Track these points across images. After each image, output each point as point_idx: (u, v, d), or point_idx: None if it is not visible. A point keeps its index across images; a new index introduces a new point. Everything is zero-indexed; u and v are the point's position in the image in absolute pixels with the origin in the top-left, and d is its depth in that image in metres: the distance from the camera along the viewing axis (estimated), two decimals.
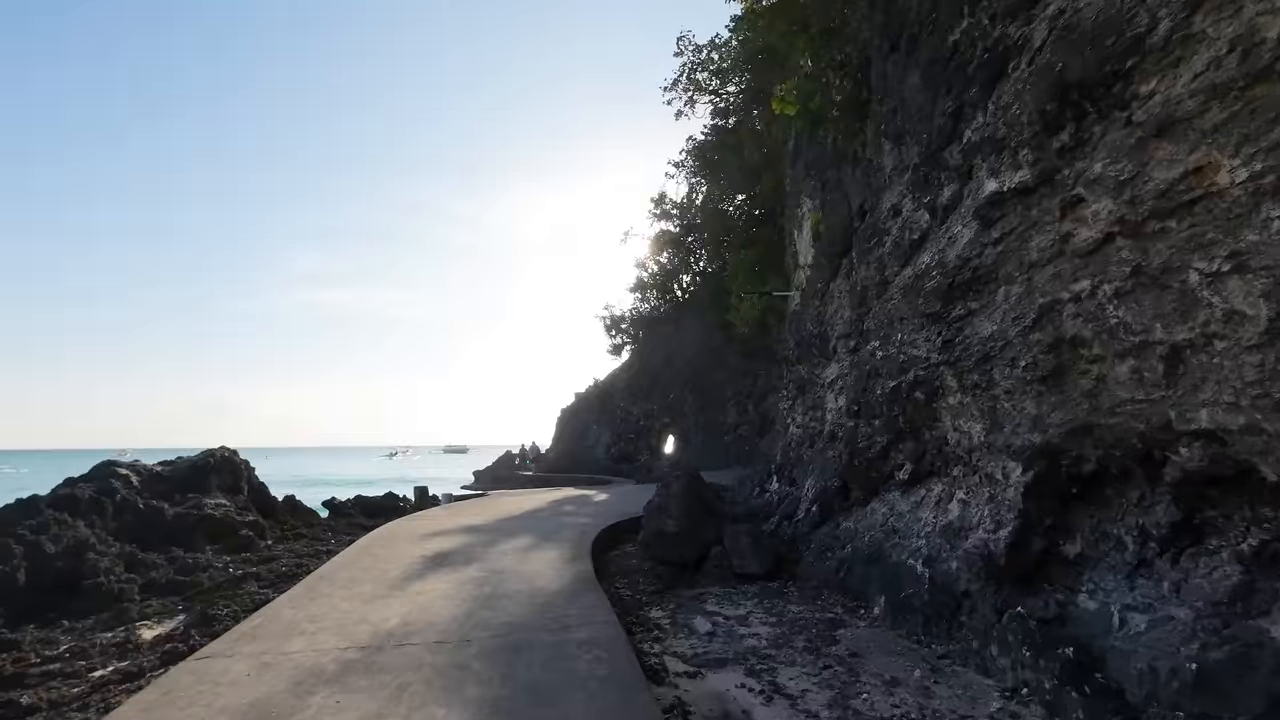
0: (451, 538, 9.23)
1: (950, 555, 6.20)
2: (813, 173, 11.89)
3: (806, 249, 12.11)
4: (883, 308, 7.58)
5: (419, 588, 6.34)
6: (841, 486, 8.83)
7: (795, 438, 14.09)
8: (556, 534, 9.56)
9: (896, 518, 7.37)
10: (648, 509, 8.96)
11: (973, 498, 6.24)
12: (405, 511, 20.32)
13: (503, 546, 8.53)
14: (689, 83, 23.04)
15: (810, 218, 11.25)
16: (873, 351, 7.68)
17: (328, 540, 10.88)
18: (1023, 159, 5.16)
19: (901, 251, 7.34)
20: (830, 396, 10.44)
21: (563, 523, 10.89)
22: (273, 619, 5.36)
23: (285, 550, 9.61)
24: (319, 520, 13.11)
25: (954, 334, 6.09)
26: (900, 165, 7.57)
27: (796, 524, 9.39)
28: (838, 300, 9.85)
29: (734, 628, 6.09)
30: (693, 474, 9.15)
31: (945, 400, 6.39)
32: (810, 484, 9.66)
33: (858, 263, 8.61)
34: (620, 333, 33.12)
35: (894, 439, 7.35)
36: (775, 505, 10.66)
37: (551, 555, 7.91)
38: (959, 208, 6.16)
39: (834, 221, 9.79)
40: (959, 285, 5.98)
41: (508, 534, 9.57)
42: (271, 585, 7.68)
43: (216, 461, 11.57)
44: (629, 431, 33.18)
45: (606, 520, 11.10)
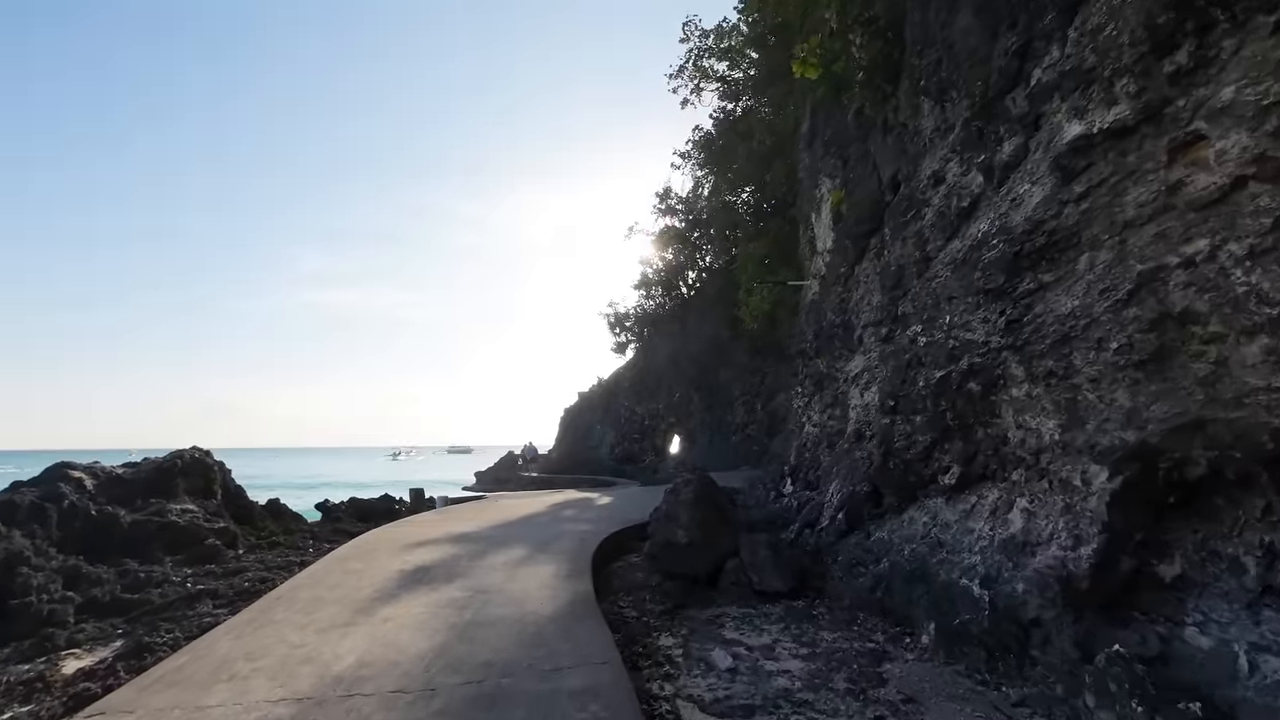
0: (437, 548, 8.26)
1: (1014, 575, 5.20)
2: (833, 150, 10.89)
3: (825, 233, 11.11)
4: (925, 288, 6.58)
5: (388, 612, 5.36)
6: (871, 492, 7.83)
7: (811, 437, 13.12)
8: (554, 543, 8.58)
9: (941, 528, 6.36)
10: (655, 516, 7.98)
11: (1041, 507, 5.24)
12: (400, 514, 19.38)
13: (492, 559, 7.55)
14: (695, 70, 22.06)
15: (831, 197, 10.26)
16: (913, 338, 6.68)
17: (306, 549, 9.91)
18: (1120, 91, 4.15)
19: (947, 223, 6.34)
20: (855, 392, 9.43)
21: (561, 530, 9.91)
22: (203, 655, 4.40)
23: (255, 562, 8.65)
24: (302, 526, 12.16)
25: (1021, 313, 5.09)
26: (943, 125, 6.58)
27: (820, 533, 8.39)
28: (864, 285, 8.85)
29: (759, 662, 5.09)
30: (705, 478, 8.17)
31: (1007, 392, 5.39)
32: (834, 489, 8.66)
33: (890, 240, 7.61)
34: (624, 330, 32.15)
35: (939, 438, 6.35)
36: (795, 512, 9.66)
37: (546, 570, 6.93)
38: (1024, 163, 5.16)
39: (860, 198, 8.79)
40: (1028, 254, 4.98)
41: (500, 543, 8.60)
42: (229, 604, 6.73)
43: (185, 463, 10.61)
44: (633, 431, 32.21)
45: (609, 527, 10.12)
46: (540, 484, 28.99)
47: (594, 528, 10.09)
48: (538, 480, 30.55)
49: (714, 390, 29.09)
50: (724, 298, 26.43)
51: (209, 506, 10.16)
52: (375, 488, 30.04)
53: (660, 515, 7.77)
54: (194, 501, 10.09)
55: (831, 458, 9.94)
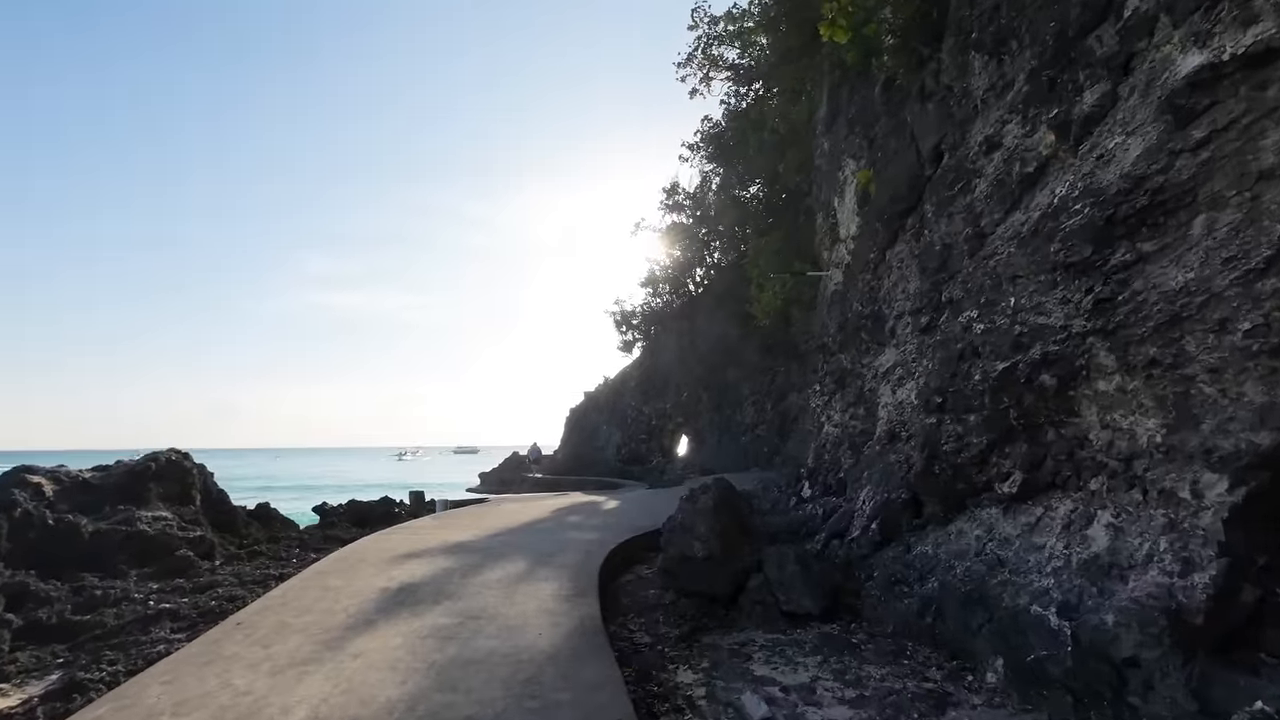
0: (429, 560, 7.44)
1: (1101, 604, 4.34)
2: (857, 128, 10.04)
3: (850, 218, 10.25)
4: (980, 268, 5.72)
5: (359, 645, 4.54)
6: (910, 500, 6.97)
7: (831, 438, 12.27)
8: (557, 555, 7.76)
9: (1000, 544, 5.50)
10: (669, 526, 7.14)
11: (1132, 523, 4.37)
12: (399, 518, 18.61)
13: (488, 574, 6.73)
14: (704, 58, 21.22)
15: (857, 178, 9.40)
16: (966, 326, 5.82)
17: (289, 560, 9.13)
18: (1263, 5, 3.30)
19: (1006, 192, 5.48)
20: (885, 389, 8.57)
21: (566, 539, 9.08)
22: (126, 706, 3.58)
23: (230, 575, 7.87)
24: (291, 532, 11.39)
25: (1114, 290, 4.23)
26: (1000, 82, 5.72)
27: (851, 544, 7.52)
28: (898, 270, 7.99)
29: (800, 709, 4.25)
30: (724, 484, 7.33)
31: (1091, 385, 4.53)
32: (866, 495, 7.80)
33: (933, 218, 6.75)
34: (631, 329, 31.31)
35: (998, 440, 5.48)
36: (820, 520, 8.80)
37: (548, 589, 6.10)
38: (1115, 112, 4.30)
39: (893, 175, 7.94)
40: (1124, 219, 4.12)
41: (498, 555, 7.78)
42: (189, 628, 5.95)
43: (160, 466, 9.82)
44: (640, 432, 31.37)
45: (618, 535, 9.30)
46: (545, 486, 28.19)
47: (600, 536, 9.27)
48: (543, 482, 29.75)
49: (723, 389, 28.23)
50: (733, 295, 25.58)
51: (186, 513, 9.38)
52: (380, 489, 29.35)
53: (675, 526, 6.93)
54: (169, 508, 9.31)
55: (860, 461, 9.08)
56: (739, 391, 27.47)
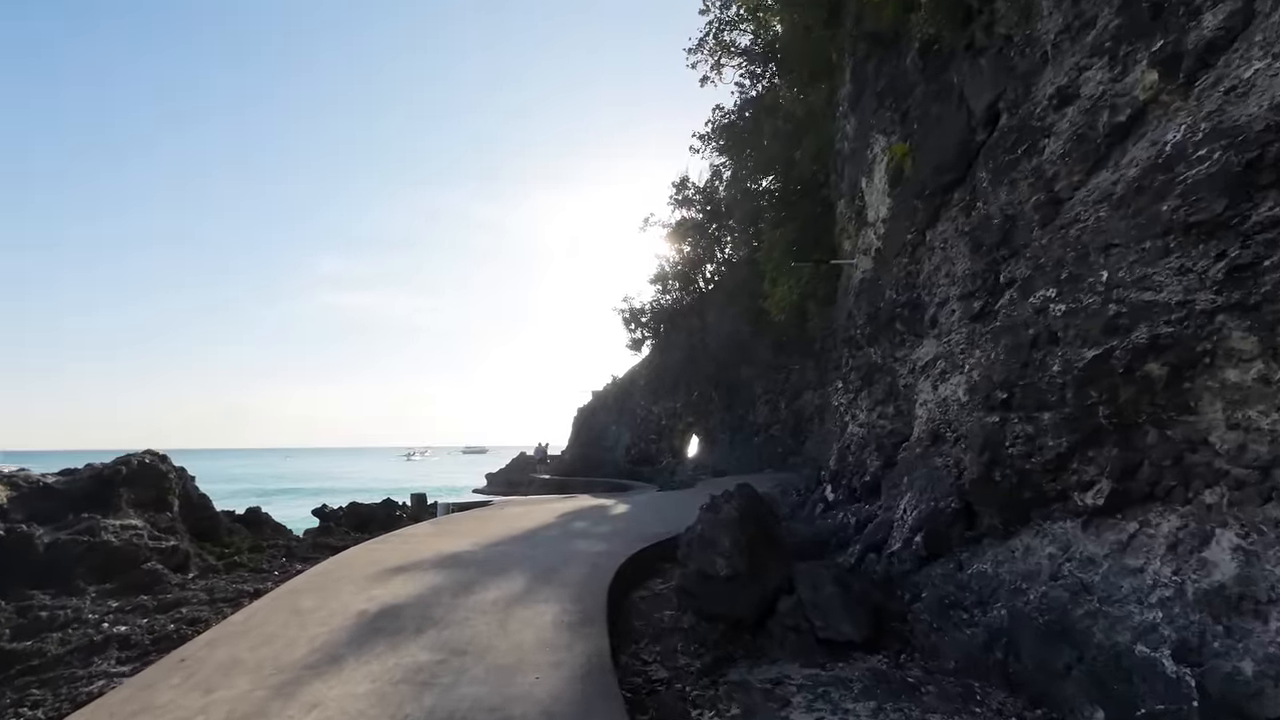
0: (417, 577, 6.62)
1: (1234, 647, 3.46)
2: (888, 101, 9.16)
3: (880, 199, 9.36)
4: (1056, 239, 4.83)
5: (317, 692, 3.72)
6: (962, 510, 6.09)
7: (856, 439, 11.38)
8: (561, 570, 6.93)
9: (1082, 566, 4.61)
10: (687, 539, 6.28)
11: (1273, 547, 3.50)
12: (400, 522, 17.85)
13: (482, 594, 5.90)
14: (716, 44, 20.35)
15: (890, 154, 8.52)
16: (1040, 308, 4.93)
17: (270, 572, 8.34)
18: None
19: (1090, 148, 4.60)
20: (924, 384, 7.69)
21: (572, 550, 8.25)
22: None
23: (201, 590, 7.10)
24: (280, 539, 10.62)
25: (1257, 253, 3.34)
26: (1078, 21, 4.83)
27: (890, 559, 6.65)
28: (942, 252, 7.10)
29: None
30: (750, 492, 6.47)
31: (1217, 375, 3.64)
32: (908, 504, 6.92)
33: (990, 188, 5.86)
34: (640, 327, 30.46)
35: (1081, 441, 4.60)
36: (852, 530, 7.91)
37: (548, 614, 5.27)
38: (1252, 33, 3.42)
39: (936, 144, 7.05)
40: (1273, 162, 3.24)
41: (496, 570, 6.95)
42: (140, 657, 5.17)
43: (131, 470, 9.03)
44: (650, 432, 30.54)
45: (627, 546, 8.46)
46: (552, 487, 27.41)
47: (609, 547, 8.43)
48: (550, 484, 28.98)
49: (734, 388, 27.34)
50: (745, 291, 24.71)
51: (160, 521, 8.62)
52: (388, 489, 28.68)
53: (695, 539, 6.07)
54: (141, 515, 8.55)
55: (895, 464, 8.20)
56: (751, 390, 26.57)
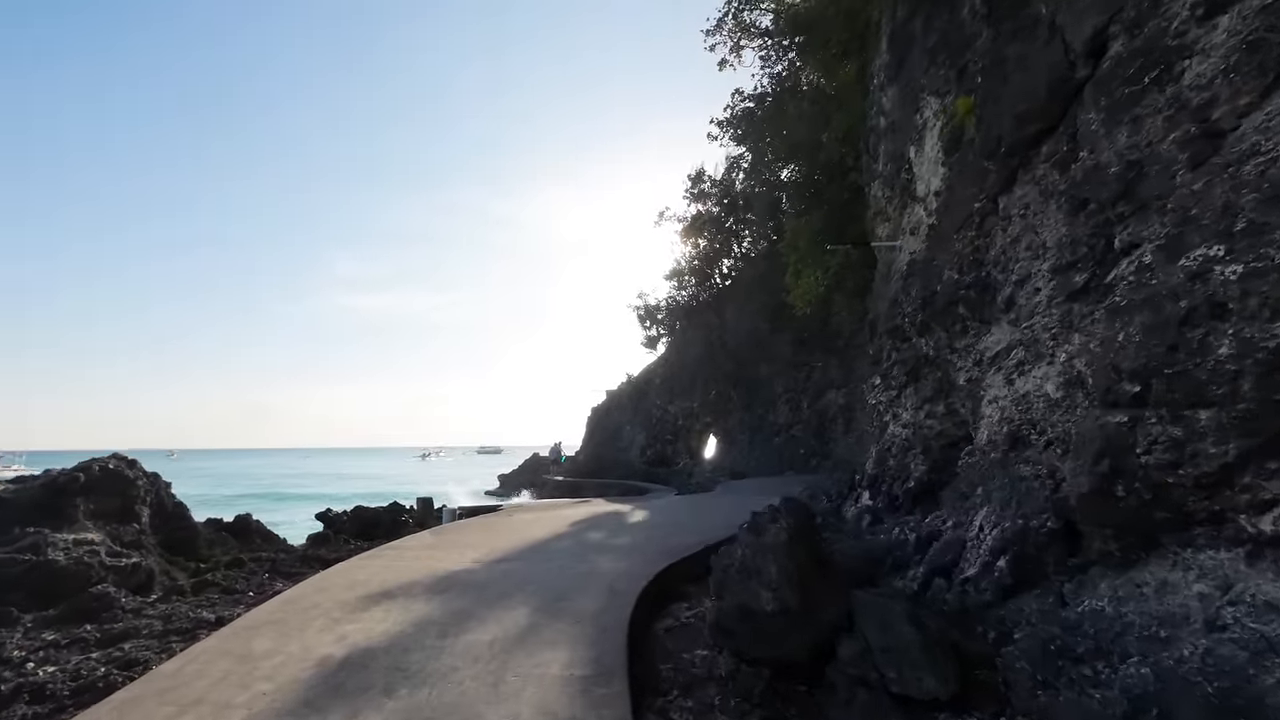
0: (402, 606, 5.57)
1: None
2: (941, 58, 7.99)
3: (932, 169, 8.19)
4: (1223, 181, 3.66)
5: None
6: (1061, 530, 4.93)
7: (899, 440, 10.23)
8: (573, 596, 5.84)
9: (1258, 613, 3.44)
10: (723, 564, 5.16)
11: None
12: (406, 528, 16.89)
13: (476, 633, 4.83)
14: (735, 25, 19.19)
15: (953, 110, 7.34)
16: (1198, 272, 3.75)
17: (244, 593, 7.35)
18: None
19: (1269, 59, 3.44)
20: (996, 378, 6.53)
21: (586, 569, 7.17)
22: None
23: (157, 618, 6.11)
24: (265, 551, 9.63)
25: None
26: None
27: (965, 587, 5.49)
28: (1021, 221, 5.93)
29: None
30: (800, 510, 5.35)
31: None
32: (985, 520, 5.75)
33: (1101, 131, 4.68)
34: (656, 324, 29.36)
35: (1261, 447, 3.43)
36: (912, 549, 6.74)
37: (556, 664, 4.18)
38: None
39: (1017, 90, 5.87)
40: None
41: (495, 597, 5.88)
42: (53, 715, 4.16)
43: (91, 477, 8.00)
44: (666, 432, 29.41)
45: (649, 562, 7.36)
46: (566, 490, 26.38)
47: (627, 564, 7.34)
48: (563, 486, 27.94)
49: (754, 387, 26.14)
50: (765, 285, 23.53)
51: (124, 534, 7.66)
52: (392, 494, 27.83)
53: (733, 565, 4.95)
54: (104, 527, 7.58)
55: (961, 472, 7.03)
56: (771, 389, 25.36)
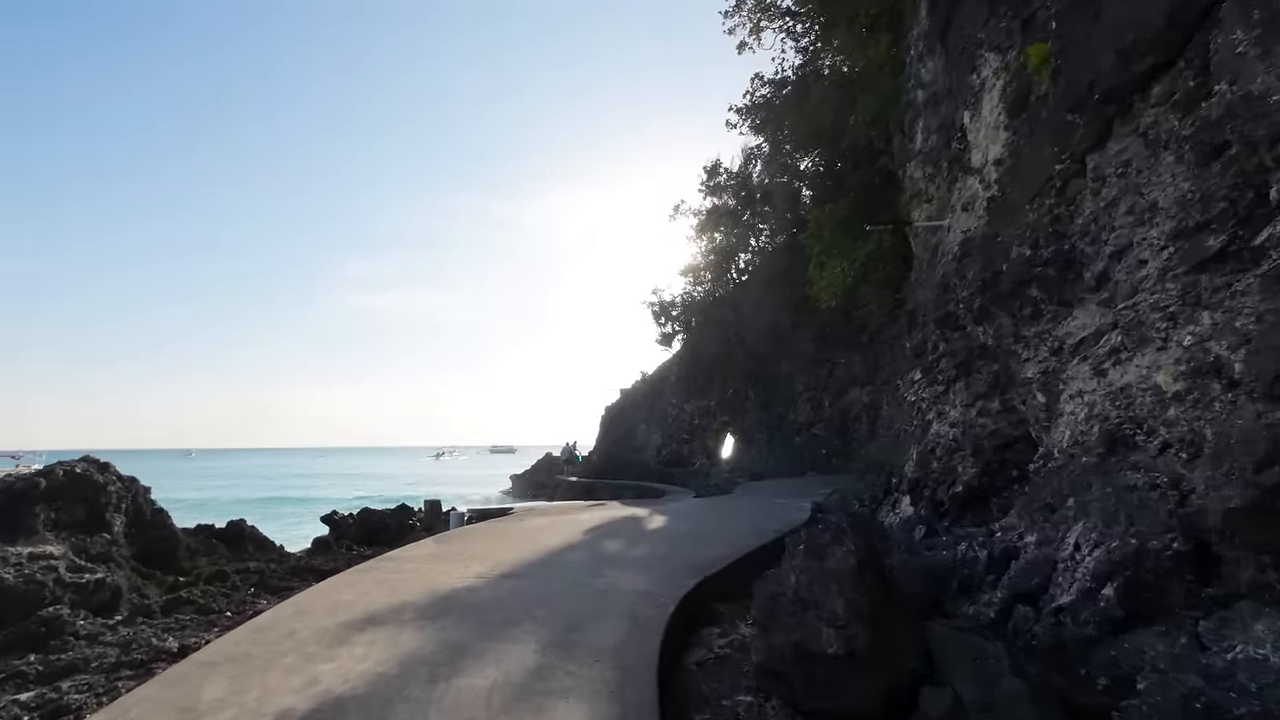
0: (388, 638, 4.70)
1: None
2: (1003, 8, 7.02)
3: (993, 134, 7.21)
4: None
5: None
6: (1190, 553, 3.97)
7: (944, 441, 9.28)
8: (589, 625, 4.95)
9: None
10: (772, 590, 4.24)
11: None
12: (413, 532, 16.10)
13: (472, 676, 3.95)
14: (755, 5, 18.24)
15: (1021, 63, 6.37)
16: None
17: (222, 612, 6.54)
18: None
19: None
20: (1081, 369, 5.57)
21: (603, 587, 6.27)
22: None
23: (112, 646, 5.29)
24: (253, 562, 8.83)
25: None
26: None
27: (1059, 618, 4.54)
28: (1120, 180, 4.95)
29: None
30: (862, 525, 4.44)
31: None
32: (1084, 536, 4.78)
33: (1252, 54, 3.72)
34: (671, 320, 28.42)
35: None
36: (982, 567, 5.77)
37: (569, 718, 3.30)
38: None
39: (1115, 25, 4.91)
40: None
41: (498, 626, 5.00)
42: None
43: (54, 483, 7.12)
44: (682, 432, 28.49)
45: (674, 580, 6.44)
46: (579, 491, 25.52)
47: (649, 583, 6.41)
48: (576, 487, 27.08)
49: (773, 384, 25.15)
50: (785, 280, 22.51)
51: (92, 545, 6.86)
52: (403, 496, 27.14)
53: (784, 595, 4.03)
54: (67, 539, 6.80)
55: (1039, 478, 6.04)
56: (792, 386, 24.35)
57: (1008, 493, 8.05)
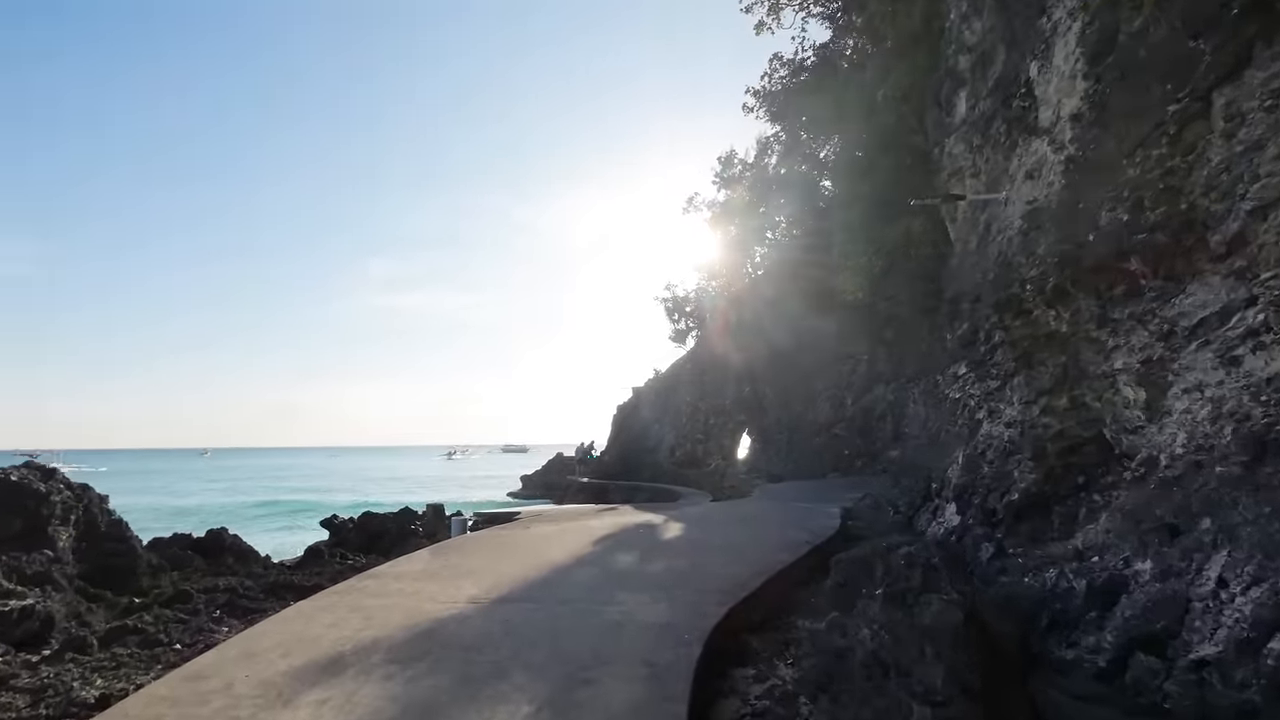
0: (346, 692, 3.73)
1: None
2: None
3: (1068, 86, 6.12)
4: None
5: None
6: None
7: (997, 443, 8.29)
8: (597, 674, 3.95)
9: None
10: (833, 644, 3.22)
11: None
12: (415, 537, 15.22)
13: None
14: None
15: None
16: None
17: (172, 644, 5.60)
18: None
19: None
20: (1203, 356, 4.50)
21: (615, 616, 5.27)
22: None
23: (20, 693, 4.35)
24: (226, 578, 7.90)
25: None
26: None
27: (1203, 674, 3.49)
28: (1261, 119, 3.90)
29: None
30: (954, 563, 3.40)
31: None
32: (1231, 569, 3.72)
33: None
34: (684, 317, 27.39)
35: None
36: (1080, 601, 4.69)
37: None
38: None
39: None
40: None
41: (487, 675, 4.01)
42: None
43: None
44: (695, 431, 27.43)
45: (697, 609, 5.41)
46: (590, 493, 24.59)
47: (669, 611, 5.39)
48: (588, 488, 26.14)
49: (791, 382, 24.04)
50: (804, 273, 21.43)
51: (29, 564, 5.93)
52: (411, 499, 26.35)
53: (854, 654, 3.00)
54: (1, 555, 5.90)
55: (1151, 490, 4.96)
56: (811, 384, 23.20)
57: (1072, 501, 7.05)
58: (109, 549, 7.08)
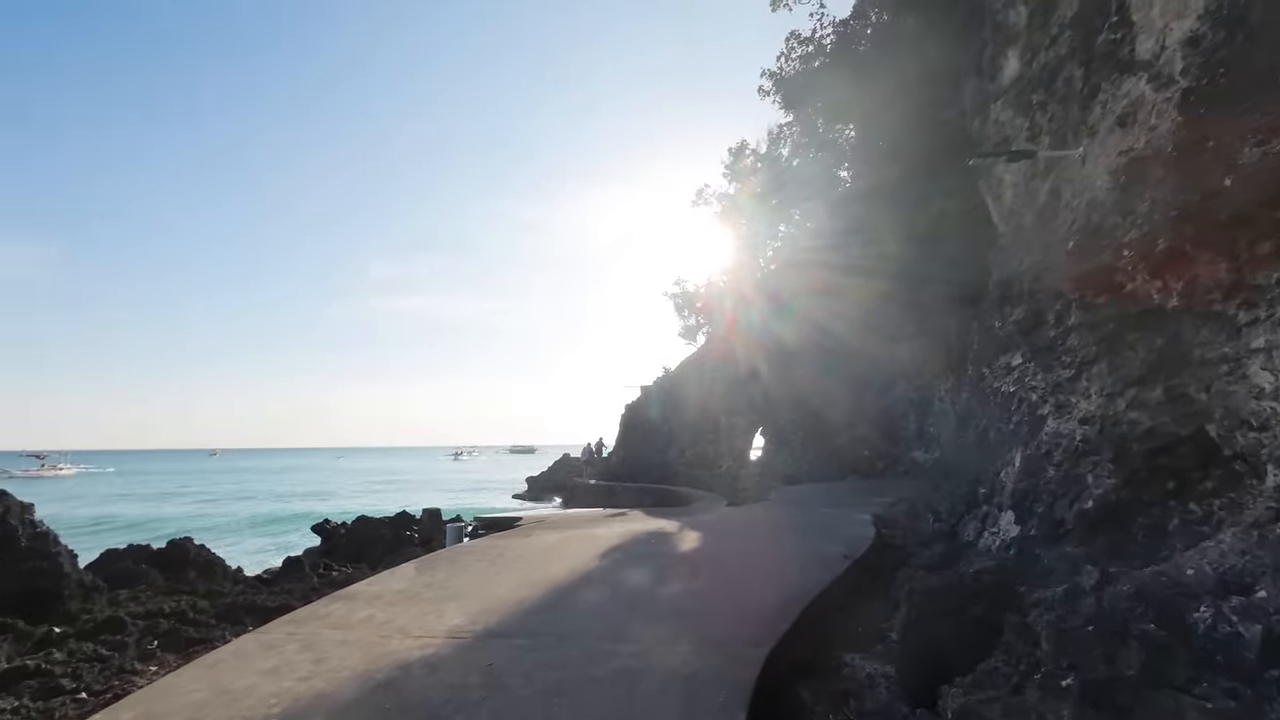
0: None
1: None
2: None
3: (1179, 6, 4.98)
4: None
5: None
6: None
7: (1067, 443, 7.16)
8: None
9: None
10: None
11: None
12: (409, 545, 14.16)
13: None
14: None
15: None
16: None
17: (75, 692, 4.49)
18: None
19: None
20: None
21: (629, 661, 4.13)
22: None
23: None
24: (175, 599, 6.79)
25: None
26: None
27: None
28: None
29: None
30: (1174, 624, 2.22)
31: None
32: None
33: None
34: (694, 313, 26.24)
35: None
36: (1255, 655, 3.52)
37: None
38: None
39: None
40: None
41: None
42: None
43: None
44: (706, 431, 26.23)
45: (731, 641, 4.29)
46: (598, 495, 23.45)
47: (697, 653, 4.24)
48: (595, 491, 25.02)
49: (807, 380, 22.84)
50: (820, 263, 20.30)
51: None
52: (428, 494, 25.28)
53: None
54: None
55: None
56: (827, 383, 22.04)
57: (1158, 511, 5.93)
58: (29, 567, 5.95)
